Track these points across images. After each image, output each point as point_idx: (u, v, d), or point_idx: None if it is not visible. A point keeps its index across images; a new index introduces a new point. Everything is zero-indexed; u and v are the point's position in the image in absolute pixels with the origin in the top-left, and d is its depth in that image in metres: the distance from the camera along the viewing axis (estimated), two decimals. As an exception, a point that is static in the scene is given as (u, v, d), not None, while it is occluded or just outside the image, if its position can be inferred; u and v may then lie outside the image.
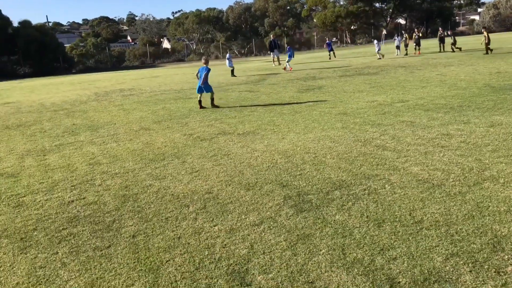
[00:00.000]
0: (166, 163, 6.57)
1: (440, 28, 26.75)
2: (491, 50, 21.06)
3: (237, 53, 58.74)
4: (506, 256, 3.18)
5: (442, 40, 25.65)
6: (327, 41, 30.93)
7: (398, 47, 26.24)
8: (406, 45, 26.03)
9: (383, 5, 65.86)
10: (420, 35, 25.51)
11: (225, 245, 3.79)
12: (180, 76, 26.17)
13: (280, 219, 4.20)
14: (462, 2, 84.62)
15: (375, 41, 25.53)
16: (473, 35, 53.27)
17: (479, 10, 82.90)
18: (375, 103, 10.26)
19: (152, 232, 4.19)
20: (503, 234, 3.51)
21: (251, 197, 4.87)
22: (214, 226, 4.20)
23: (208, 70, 11.80)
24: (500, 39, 33.76)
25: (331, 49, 29.13)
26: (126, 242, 4.01)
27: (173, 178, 5.81)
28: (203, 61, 12.23)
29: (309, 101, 11.52)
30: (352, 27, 63.07)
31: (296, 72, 21.14)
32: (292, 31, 67.97)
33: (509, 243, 3.36)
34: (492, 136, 6.43)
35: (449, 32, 26.56)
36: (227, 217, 4.37)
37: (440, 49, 25.63)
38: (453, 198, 4.31)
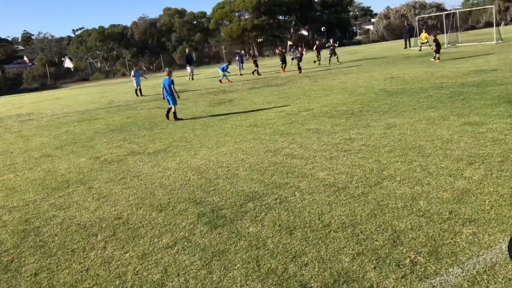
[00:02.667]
0: (71, 191, 6.18)
1: (330, 40, 27.46)
2: (437, 57, 19.22)
3: (145, 69, 57.43)
4: (405, 249, 3.43)
5: (333, 52, 26.42)
6: (239, 54, 31.30)
7: (292, 59, 26.74)
8: (298, 58, 26.09)
9: (286, 18, 68.69)
10: (336, 45, 26.09)
11: (137, 272, 3.63)
12: (85, 96, 24.91)
13: (195, 238, 4.14)
14: (357, 13, 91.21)
15: (291, 52, 25.90)
16: (369, 43, 57.50)
17: (372, 20, 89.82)
18: (283, 113, 10.60)
19: (57, 267, 3.89)
20: (401, 228, 3.79)
21: (163, 218, 4.74)
22: (125, 253, 4.01)
23: (171, 81, 11.47)
24: (392, 46, 36.84)
25: (242, 62, 29.61)
26: (28, 282, 3.68)
27: (79, 206, 5.46)
28: (165, 73, 11.86)
29: (220, 115, 11.59)
30: (258, 40, 64.88)
31: (206, 86, 21.18)
32: (201, 45, 68.13)
33: (407, 237, 3.63)
34: (389, 137, 6.95)
35: (331, 42, 26.86)
36: (139, 242, 4.20)
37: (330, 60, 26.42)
38: (357, 199, 4.56)
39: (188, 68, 26.11)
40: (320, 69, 22.72)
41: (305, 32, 74.89)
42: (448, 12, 42.70)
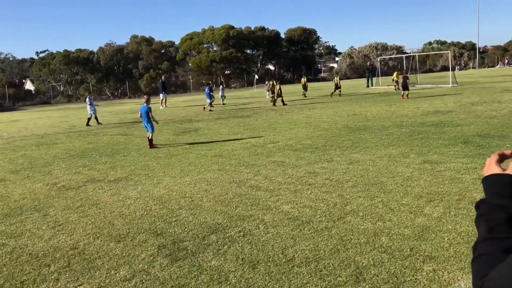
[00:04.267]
0: (24, 218, 5.86)
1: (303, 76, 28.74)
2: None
3: (109, 95, 56.64)
4: (367, 286, 3.43)
5: (304, 87, 27.54)
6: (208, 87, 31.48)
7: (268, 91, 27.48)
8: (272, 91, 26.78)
9: (254, 52, 70.14)
10: (305, 79, 27.26)
11: (91, 306, 3.44)
12: (45, 120, 24.14)
13: (154, 271, 3.98)
14: (322, 51, 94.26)
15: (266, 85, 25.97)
16: (333, 80, 59.40)
17: (337, 58, 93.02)
18: (249, 145, 10.63)
19: (2, 301, 3.63)
20: (364, 264, 3.80)
21: (122, 249, 4.55)
22: (79, 285, 3.80)
23: (149, 108, 11.36)
24: (355, 84, 38.12)
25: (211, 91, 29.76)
26: (-32, 317, 3.40)
27: (32, 235, 5.18)
28: (144, 100, 11.71)
29: (185, 144, 11.48)
30: (226, 72, 65.69)
31: (172, 114, 21.05)
32: (168, 74, 68.16)
33: (369, 273, 3.64)
34: (351, 172, 7.07)
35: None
36: (95, 274, 4.00)
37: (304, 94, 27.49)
38: (320, 234, 4.56)
39: (161, 95, 25.91)
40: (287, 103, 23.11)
41: (271, 67, 76.52)
42: (408, 54, 44.90)
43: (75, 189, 7.37)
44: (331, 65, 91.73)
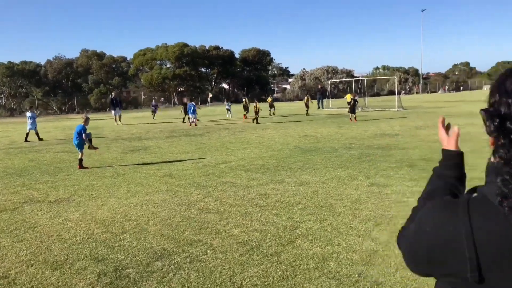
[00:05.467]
0: (-51, 243, 5.35)
1: (270, 97, 29.42)
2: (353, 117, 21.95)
3: (56, 109, 54.45)
4: (316, 314, 3.36)
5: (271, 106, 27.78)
6: (153, 103, 31.07)
7: (228, 110, 27.47)
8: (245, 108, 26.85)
9: (208, 70, 70.20)
10: (270, 99, 27.94)
11: None
12: (-17, 134, 22.68)
13: (92, 302, 3.72)
14: (276, 72, 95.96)
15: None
16: (285, 101, 60.29)
17: (289, 80, 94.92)
18: (200, 164, 10.45)
19: None
20: (313, 291, 3.74)
21: (58, 278, 4.23)
22: (6, 321, 3.47)
23: (84, 129, 10.61)
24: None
25: (155, 110, 29.42)
26: None
27: (-44, 263, 4.72)
28: (82, 118, 10.95)
29: (133, 163, 11.11)
30: (179, 89, 65.13)
31: (121, 131, 20.44)
32: (119, 89, 66.59)
33: (318, 300, 3.58)
34: (302, 194, 7.08)
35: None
36: (25, 307, 3.67)
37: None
38: (269, 259, 4.47)
39: (113, 112, 25.05)
40: (239, 123, 23.14)
41: (225, 86, 76.81)
42: (357, 78, 46.61)
43: (11, 210, 6.87)
44: (284, 86, 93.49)
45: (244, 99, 28.72)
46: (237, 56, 70.94)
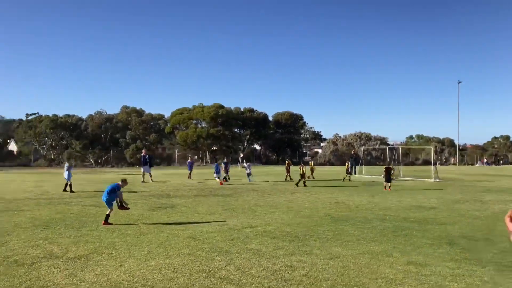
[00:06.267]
0: (-42, 298, 5.13)
1: (286, 160, 29.49)
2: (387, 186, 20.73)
3: (93, 162, 55.97)
4: None
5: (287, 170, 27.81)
6: (189, 161, 31.19)
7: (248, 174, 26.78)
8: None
9: (241, 131, 71.30)
10: (289, 161, 28.34)
11: None
12: (18, 183, 23.28)
13: None
14: (308, 136, 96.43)
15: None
16: (317, 166, 59.84)
17: (321, 144, 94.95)
18: (225, 227, 10.08)
19: None
20: None
21: None
22: None
23: (116, 186, 10.76)
24: (338, 171, 38.29)
25: (191, 168, 29.33)
26: None
27: (-40, 322, 4.46)
28: (120, 181, 11.01)
29: (159, 222, 10.87)
30: (213, 148, 66.07)
31: (151, 187, 20.46)
32: (155, 146, 68.25)
33: None
34: (331, 269, 6.55)
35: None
36: None
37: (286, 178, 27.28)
38: None
39: (142, 169, 25.32)
40: (267, 185, 22.81)
41: (257, 147, 77.49)
42: (391, 146, 45.94)
43: (28, 265, 6.67)
44: (316, 149, 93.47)
45: (286, 161, 29.04)
46: (270, 118, 72.04)
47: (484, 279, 6.07)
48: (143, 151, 26.96)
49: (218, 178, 23.38)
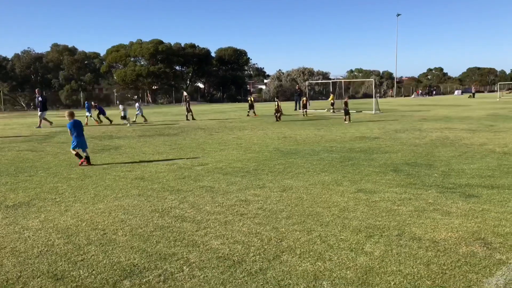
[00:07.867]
0: None
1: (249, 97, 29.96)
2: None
3: (24, 105, 52.45)
4: None
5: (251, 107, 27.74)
6: (137, 104, 29.72)
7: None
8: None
9: (183, 69, 69.10)
10: (252, 99, 28.62)
11: None
12: None
13: (45, 334, 3.12)
14: (251, 73, 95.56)
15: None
16: (261, 102, 59.93)
17: (265, 81, 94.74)
18: (175, 166, 9.84)
19: None
20: (307, 319, 3.25)
21: (6, 302, 3.61)
22: None
23: (68, 125, 10.34)
24: (282, 107, 38.57)
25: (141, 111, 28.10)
26: None
27: None
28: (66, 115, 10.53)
29: (103, 164, 10.40)
30: (153, 87, 63.80)
31: (91, 130, 19.52)
32: (91, 86, 64.77)
33: (313, 331, 3.09)
34: (285, 201, 6.60)
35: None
36: None
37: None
38: (254, 278, 3.96)
39: (39, 113, 21.81)
40: (215, 122, 22.56)
41: (201, 85, 75.88)
42: (334, 80, 46.65)
43: (-39, 216, 6.12)
44: (260, 86, 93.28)
45: (249, 98, 29.41)
46: (213, 55, 70.14)
47: (429, 201, 6.38)
48: (36, 90, 23.55)
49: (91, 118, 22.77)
